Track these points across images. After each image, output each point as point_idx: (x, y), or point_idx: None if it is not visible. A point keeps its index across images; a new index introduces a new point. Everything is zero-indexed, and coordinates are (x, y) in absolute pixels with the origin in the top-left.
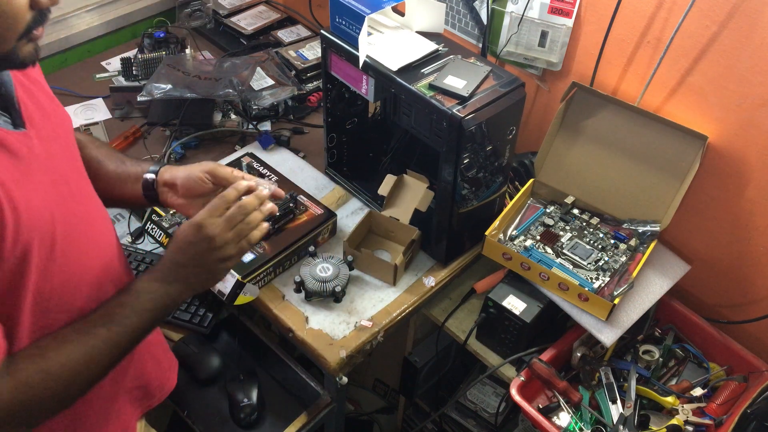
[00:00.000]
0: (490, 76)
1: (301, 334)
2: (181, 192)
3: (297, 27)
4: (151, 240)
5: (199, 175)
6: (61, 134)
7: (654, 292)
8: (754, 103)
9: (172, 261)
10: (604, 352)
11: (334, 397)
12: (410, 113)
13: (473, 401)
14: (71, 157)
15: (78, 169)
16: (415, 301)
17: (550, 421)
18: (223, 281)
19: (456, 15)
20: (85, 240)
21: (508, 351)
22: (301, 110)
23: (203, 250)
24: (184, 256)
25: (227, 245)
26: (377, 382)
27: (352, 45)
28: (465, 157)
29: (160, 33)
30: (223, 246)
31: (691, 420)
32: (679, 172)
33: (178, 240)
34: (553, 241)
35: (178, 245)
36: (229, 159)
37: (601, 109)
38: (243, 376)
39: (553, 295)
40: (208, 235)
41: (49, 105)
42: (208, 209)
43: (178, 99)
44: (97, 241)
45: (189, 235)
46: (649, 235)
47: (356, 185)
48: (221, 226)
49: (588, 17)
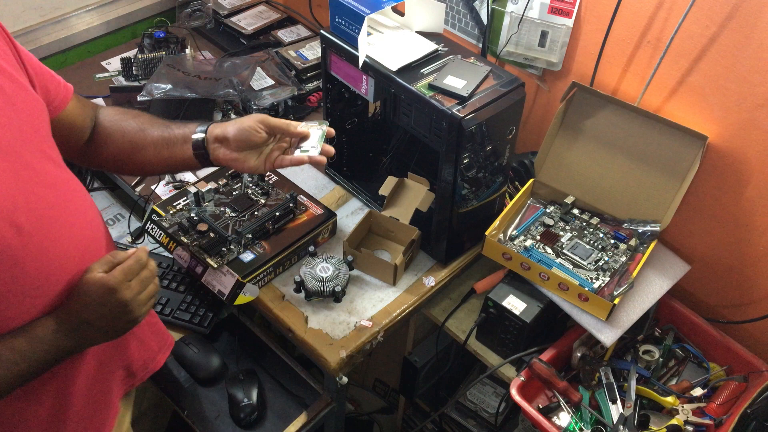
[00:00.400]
0: (490, 76)
1: (301, 334)
2: (234, 145)
3: (297, 27)
4: (151, 240)
5: (252, 125)
6: (25, 119)
7: (654, 292)
8: (754, 103)
9: (79, 317)
10: (604, 352)
11: (334, 397)
12: (410, 113)
13: (473, 401)
14: (37, 142)
15: (47, 154)
16: (415, 301)
17: (550, 421)
18: (224, 281)
19: (456, 15)
20: (58, 226)
21: (508, 351)
22: (301, 110)
23: (116, 313)
24: (92, 315)
25: (139, 307)
26: (377, 382)
27: (351, 45)
28: (465, 157)
29: (160, 33)
30: (135, 309)
31: (691, 420)
32: (679, 172)
33: (88, 299)
34: (553, 241)
35: (86, 303)
36: None
37: (601, 109)
38: (243, 376)
39: (553, 295)
40: (122, 299)
41: (10, 88)
42: (123, 271)
43: (178, 99)
44: (75, 226)
45: (100, 297)
46: (649, 235)
47: (356, 185)
48: (135, 290)
49: (588, 17)
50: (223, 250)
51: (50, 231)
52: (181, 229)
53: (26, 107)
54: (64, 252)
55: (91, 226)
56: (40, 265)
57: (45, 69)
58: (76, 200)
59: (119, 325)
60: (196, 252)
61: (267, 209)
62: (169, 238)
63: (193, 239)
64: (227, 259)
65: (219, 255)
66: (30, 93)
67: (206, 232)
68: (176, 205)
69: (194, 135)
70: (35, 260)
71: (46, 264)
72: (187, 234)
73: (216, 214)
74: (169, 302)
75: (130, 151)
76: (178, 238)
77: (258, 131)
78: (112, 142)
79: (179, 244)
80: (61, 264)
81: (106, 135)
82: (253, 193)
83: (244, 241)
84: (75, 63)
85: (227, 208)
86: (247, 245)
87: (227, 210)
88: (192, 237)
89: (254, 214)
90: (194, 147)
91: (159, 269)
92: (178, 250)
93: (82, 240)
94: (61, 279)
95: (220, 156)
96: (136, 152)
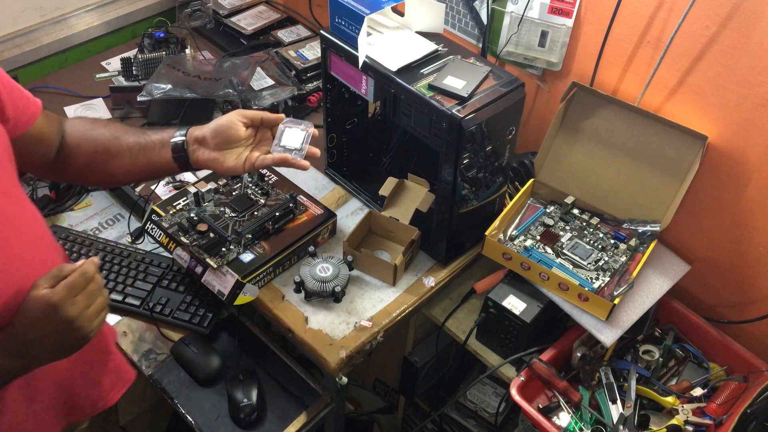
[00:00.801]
0: (490, 76)
1: (301, 334)
2: (213, 143)
3: (297, 27)
4: (150, 240)
5: (229, 118)
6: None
7: (654, 292)
8: (754, 103)
9: (24, 337)
10: (604, 352)
11: (334, 397)
12: (410, 113)
13: (473, 401)
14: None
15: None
16: (415, 301)
17: (550, 421)
18: (223, 281)
19: (456, 15)
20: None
21: (508, 351)
22: (301, 110)
23: (62, 330)
24: (37, 333)
25: (88, 323)
26: (377, 382)
27: (351, 45)
28: (465, 157)
29: (160, 33)
30: (83, 325)
31: (691, 420)
32: (679, 172)
33: (32, 317)
34: (553, 241)
35: (30, 322)
36: None
37: (601, 109)
38: (243, 376)
39: (553, 295)
40: (67, 316)
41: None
42: (66, 286)
43: (178, 99)
44: (21, 242)
45: (44, 315)
46: (649, 235)
47: (356, 185)
48: (81, 305)
49: (588, 17)
50: (223, 250)
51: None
52: (181, 229)
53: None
54: (10, 269)
55: (41, 243)
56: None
57: (14, 84)
58: (22, 224)
59: (68, 342)
60: (196, 252)
61: (267, 209)
62: (169, 238)
63: (193, 239)
64: (227, 259)
65: (219, 255)
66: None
67: (206, 232)
68: (176, 205)
69: (173, 138)
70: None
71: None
72: (187, 234)
73: (216, 214)
74: (169, 302)
75: (104, 159)
76: (177, 238)
77: (235, 123)
78: (82, 152)
79: (179, 244)
80: (7, 280)
81: (74, 146)
82: (253, 194)
83: (244, 241)
84: (75, 63)
85: (227, 208)
86: (247, 245)
87: (227, 210)
88: (192, 237)
89: (254, 215)
90: (174, 150)
91: (159, 269)
92: (178, 250)
93: (31, 258)
94: (6, 295)
95: (199, 157)
96: (110, 160)
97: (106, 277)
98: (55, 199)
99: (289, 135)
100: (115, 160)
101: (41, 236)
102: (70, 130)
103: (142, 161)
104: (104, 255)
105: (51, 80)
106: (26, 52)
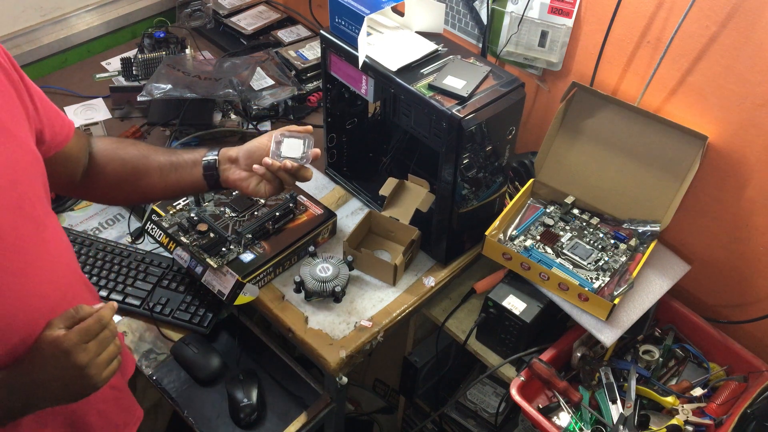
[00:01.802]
0: (490, 76)
1: (301, 334)
2: (243, 163)
3: (297, 27)
4: (151, 240)
5: (262, 141)
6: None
7: (654, 292)
8: (754, 103)
9: (30, 377)
10: (604, 352)
11: (334, 397)
12: (410, 113)
13: (473, 401)
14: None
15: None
16: (415, 301)
17: (550, 421)
18: (223, 281)
19: (456, 15)
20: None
21: (508, 351)
22: (301, 110)
23: (71, 376)
24: (44, 376)
25: (98, 372)
26: (377, 382)
27: (351, 45)
28: (465, 157)
29: (160, 33)
30: (93, 374)
31: (691, 420)
32: (679, 172)
33: (41, 358)
34: (553, 241)
35: (39, 363)
36: None
37: (601, 109)
38: (243, 376)
39: (553, 295)
40: (78, 363)
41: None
42: (79, 332)
43: (178, 99)
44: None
45: (53, 358)
46: (649, 235)
47: (356, 185)
48: (92, 353)
49: (588, 17)
50: (223, 250)
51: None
52: (181, 229)
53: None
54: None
55: (66, 272)
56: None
57: (51, 105)
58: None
59: (75, 389)
60: (196, 252)
61: (267, 209)
62: (169, 238)
63: (193, 239)
64: (227, 259)
65: (219, 255)
66: (29, 150)
67: (206, 232)
68: (176, 205)
69: (205, 157)
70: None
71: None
72: (187, 234)
73: (216, 214)
74: (169, 302)
75: (134, 178)
76: (177, 238)
77: (265, 145)
78: (109, 170)
79: (179, 244)
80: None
81: (102, 165)
82: None
83: (244, 241)
84: (75, 63)
85: (227, 208)
86: (247, 245)
87: (227, 210)
88: (192, 237)
89: (254, 214)
90: (205, 168)
91: (159, 269)
92: (178, 250)
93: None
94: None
95: (229, 177)
96: (141, 178)
97: (106, 277)
98: (55, 199)
99: (289, 145)
100: (144, 179)
101: (67, 264)
102: (97, 148)
103: (173, 179)
104: (104, 255)
105: (51, 80)
106: (26, 52)
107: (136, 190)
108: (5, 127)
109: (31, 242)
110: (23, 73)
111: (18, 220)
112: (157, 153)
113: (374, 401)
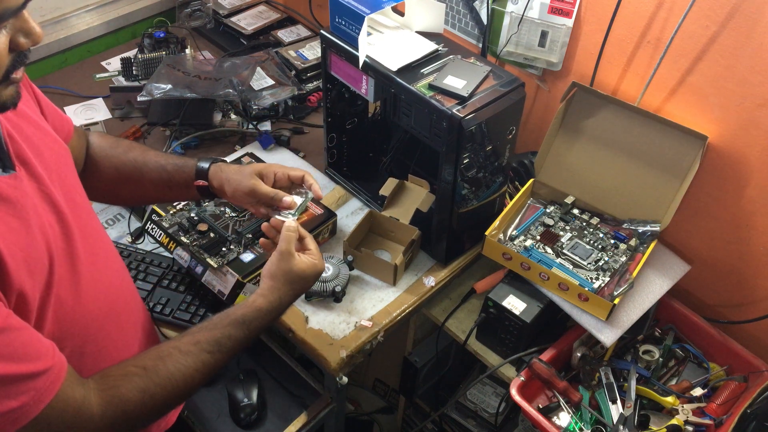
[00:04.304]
0: (490, 76)
1: (301, 334)
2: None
3: (297, 27)
4: (151, 240)
5: (242, 199)
6: (53, 168)
7: (654, 292)
8: (754, 103)
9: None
10: (604, 352)
11: (334, 397)
12: (410, 113)
13: (473, 401)
14: (70, 191)
15: (78, 202)
16: (415, 301)
17: (550, 421)
18: (224, 281)
19: (456, 15)
20: (89, 278)
21: (508, 351)
22: (301, 110)
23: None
24: (307, 285)
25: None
26: (377, 382)
27: (351, 45)
28: (465, 157)
29: (160, 33)
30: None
31: (691, 420)
32: (679, 172)
33: (306, 283)
34: (553, 241)
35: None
36: (229, 159)
37: (601, 109)
38: (243, 376)
39: (553, 295)
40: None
41: (41, 139)
42: (317, 252)
43: (178, 99)
44: (103, 280)
45: (315, 276)
46: (649, 235)
47: (356, 185)
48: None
49: (588, 17)
50: (224, 249)
51: (82, 285)
52: (181, 229)
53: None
54: (96, 307)
55: (120, 280)
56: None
57: (52, 105)
58: (104, 251)
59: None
60: (196, 252)
61: None
62: (169, 238)
63: (193, 239)
64: (227, 259)
65: (219, 255)
66: (53, 137)
67: (206, 232)
68: (176, 205)
69: (197, 184)
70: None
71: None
72: (187, 234)
73: (216, 214)
74: (169, 302)
75: (128, 188)
76: (178, 238)
77: (247, 202)
78: (104, 174)
79: (179, 244)
80: (96, 319)
81: (98, 164)
82: None
83: (244, 241)
84: (75, 63)
85: (227, 207)
86: (247, 245)
87: (227, 210)
88: (192, 237)
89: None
90: (200, 192)
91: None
92: (178, 250)
93: (114, 294)
94: (98, 333)
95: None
96: (134, 190)
97: None
98: None
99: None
100: (139, 190)
101: (114, 251)
102: (93, 145)
103: (168, 196)
104: None
105: (51, 80)
106: None
107: (133, 199)
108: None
109: (92, 227)
110: (31, 83)
111: (78, 209)
112: (148, 165)
113: (374, 401)
